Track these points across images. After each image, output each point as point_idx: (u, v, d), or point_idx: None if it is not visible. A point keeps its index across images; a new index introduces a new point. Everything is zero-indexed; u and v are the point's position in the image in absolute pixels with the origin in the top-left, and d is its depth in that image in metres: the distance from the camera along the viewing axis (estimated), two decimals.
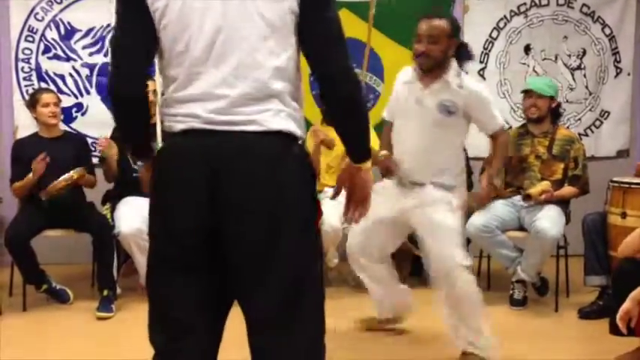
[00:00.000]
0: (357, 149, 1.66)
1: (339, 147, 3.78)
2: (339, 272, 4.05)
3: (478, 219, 3.63)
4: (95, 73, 4.60)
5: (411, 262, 4.01)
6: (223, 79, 1.50)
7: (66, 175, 3.53)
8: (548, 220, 3.50)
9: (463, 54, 2.80)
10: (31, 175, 3.55)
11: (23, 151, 3.69)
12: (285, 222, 1.50)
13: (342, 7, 4.55)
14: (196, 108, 1.51)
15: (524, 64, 4.96)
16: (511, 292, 3.70)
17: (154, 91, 3.88)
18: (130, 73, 1.55)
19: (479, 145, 4.82)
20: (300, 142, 1.60)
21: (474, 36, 4.86)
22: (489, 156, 3.13)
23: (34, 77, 4.53)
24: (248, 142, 1.50)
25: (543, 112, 3.74)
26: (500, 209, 3.70)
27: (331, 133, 3.87)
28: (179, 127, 1.53)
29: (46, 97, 3.74)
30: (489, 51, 4.93)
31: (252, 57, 1.49)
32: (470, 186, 4.19)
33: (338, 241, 3.83)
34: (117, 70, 1.56)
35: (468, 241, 3.51)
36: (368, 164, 1.69)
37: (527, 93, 3.78)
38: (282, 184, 1.50)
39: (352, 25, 4.59)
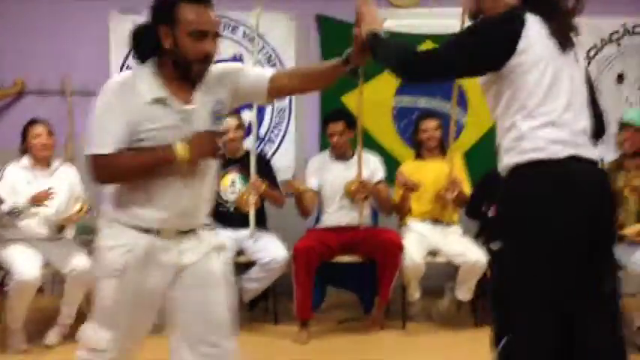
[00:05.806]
0: None
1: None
2: (423, 307, 3.92)
3: None
4: None
5: None
6: None
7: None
8: None
9: None
10: None
11: None
12: None
13: (426, 40, 4.53)
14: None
15: (617, 93, 4.75)
16: None
17: (238, 125, 3.97)
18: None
19: None
20: None
21: None
22: None
23: None
24: None
25: (639, 145, 3.55)
26: None
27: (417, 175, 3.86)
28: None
29: None
30: None
31: None
32: None
33: (420, 275, 3.74)
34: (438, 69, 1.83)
35: None
36: None
37: (624, 126, 3.60)
38: None
39: None
